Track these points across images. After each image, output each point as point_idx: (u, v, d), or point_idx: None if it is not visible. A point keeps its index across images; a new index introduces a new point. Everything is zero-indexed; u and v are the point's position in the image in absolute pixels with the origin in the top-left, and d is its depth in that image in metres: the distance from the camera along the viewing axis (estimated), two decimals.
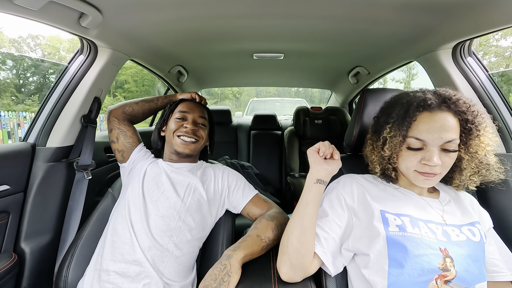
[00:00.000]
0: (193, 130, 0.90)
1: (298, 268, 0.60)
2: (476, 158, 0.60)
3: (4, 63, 12.07)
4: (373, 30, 1.00)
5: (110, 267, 0.72)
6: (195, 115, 0.93)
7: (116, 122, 0.97)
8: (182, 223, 0.79)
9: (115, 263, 0.72)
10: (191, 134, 0.89)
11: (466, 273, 0.53)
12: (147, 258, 0.72)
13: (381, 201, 0.63)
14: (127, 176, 0.94)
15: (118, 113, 0.98)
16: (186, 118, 0.93)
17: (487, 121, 0.61)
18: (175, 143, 0.89)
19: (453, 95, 0.60)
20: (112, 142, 0.97)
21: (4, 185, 0.86)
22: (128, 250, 0.73)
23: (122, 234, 0.76)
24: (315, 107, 2.30)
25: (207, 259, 0.86)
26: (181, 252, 0.77)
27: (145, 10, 0.85)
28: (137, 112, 1.02)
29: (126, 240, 0.75)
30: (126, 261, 0.72)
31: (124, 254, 0.73)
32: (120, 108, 0.99)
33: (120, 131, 0.96)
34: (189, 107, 0.95)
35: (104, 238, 0.80)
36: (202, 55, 1.44)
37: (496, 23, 0.79)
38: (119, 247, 0.74)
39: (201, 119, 0.95)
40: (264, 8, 0.85)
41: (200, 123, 0.94)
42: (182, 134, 0.89)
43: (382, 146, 0.64)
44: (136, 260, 0.72)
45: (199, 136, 0.91)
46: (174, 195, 0.81)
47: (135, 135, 0.99)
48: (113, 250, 0.75)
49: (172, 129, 0.90)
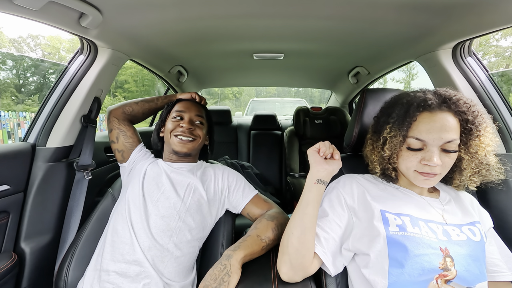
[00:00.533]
0: (190, 129, 0.89)
1: (298, 268, 0.60)
2: (476, 158, 0.60)
3: (4, 63, 12.07)
4: (373, 30, 1.00)
5: (110, 267, 0.72)
6: (191, 114, 0.93)
7: (116, 122, 0.97)
8: (182, 223, 0.79)
9: (115, 263, 0.72)
10: (188, 133, 0.89)
11: (466, 272, 0.53)
12: (147, 258, 0.72)
13: (381, 201, 0.63)
14: (127, 176, 0.94)
15: (118, 113, 0.98)
16: (182, 117, 0.93)
17: (488, 122, 0.61)
18: (172, 142, 0.89)
19: (454, 95, 0.60)
20: (112, 142, 0.97)
21: (4, 185, 0.86)
22: (128, 250, 0.73)
23: (122, 234, 0.76)
24: (315, 107, 2.30)
25: (207, 259, 0.86)
26: (181, 252, 0.77)
27: (145, 10, 0.85)
28: (137, 112, 1.02)
29: (126, 240, 0.75)
30: (126, 261, 0.72)
31: (124, 254, 0.73)
32: (120, 108, 0.99)
33: (120, 131, 0.96)
34: (186, 107, 0.95)
35: (104, 238, 0.80)
36: (202, 55, 1.44)
37: (496, 23, 0.79)
38: (119, 247, 0.74)
39: (198, 117, 0.94)
40: (264, 8, 0.85)
41: (197, 122, 0.94)
42: (179, 134, 0.89)
43: (382, 146, 0.64)
44: (136, 260, 0.72)
45: (196, 135, 0.91)
46: (174, 195, 0.81)
47: (135, 135, 0.99)
48: (113, 250, 0.75)
49: (169, 128, 0.91)
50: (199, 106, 0.98)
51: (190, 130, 0.90)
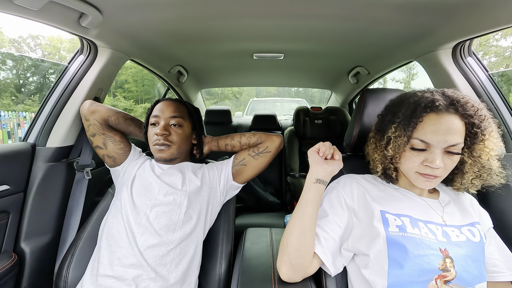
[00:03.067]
0: (164, 136, 0.85)
1: (298, 268, 0.60)
2: (479, 162, 0.60)
3: (4, 63, 12.07)
4: (373, 30, 1.00)
5: (107, 271, 0.71)
6: (165, 117, 0.87)
7: (99, 127, 0.90)
8: (184, 217, 0.79)
9: (112, 267, 0.71)
10: (163, 140, 0.85)
11: (466, 273, 0.53)
12: (146, 260, 0.72)
13: (381, 202, 0.63)
14: (121, 178, 0.91)
15: (100, 118, 0.90)
16: (158, 122, 0.88)
17: (493, 126, 0.60)
18: (153, 151, 0.88)
19: (462, 98, 0.59)
20: (98, 148, 0.91)
21: (4, 185, 0.86)
22: (125, 253, 0.72)
23: (118, 237, 0.75)
24: (315, 107, 2.30)
25: (207, 260, 0.86)
26: (181, 252, 0.76)
27: (145, 10, 0.85)
28: (120, 127, 0.94)
29: (123, 244, 0.74)
30: (123, 265, 0.71)
31: (121, 258, 0.72)
32: (105, 113, 0.90)
33: (107, 137, 0.90)
34: (160, 109, 0.89)
35: (99, 243, 0.78)
36: (202, 55, 1.44)
37: (496, 23, 0.79)
38: (116, 251, 0.73)
39: (174, 119, 0.88)
40: (264, 8, 0.85)
41: (172, 124, 0.88)
42: (154, 143, 0.86)
43: (386, 146, 0.63)
44: (133, 264, 0.71)
45: (171, 141, 0.86)
46: (171, 191, 0.82)
47: (124, 138, 0.93)
48: (110, 254, 0.73)
49: (149, 137, 0.89)
50: (176, 104, 0.91)
51: (165, 136, 0.85)
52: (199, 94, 2.54)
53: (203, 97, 2.76)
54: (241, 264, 0.72)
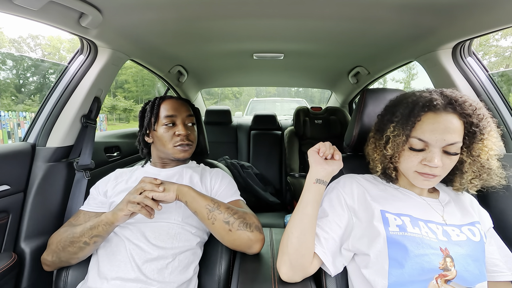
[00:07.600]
0: (187, 136, 0.85)
1: (298, 268, 0.60)
2: (478, 162, 0.60)
3: (4, 63, 12.08)
4: (373, 30, 1.00)
5: (104, 285, 0.69)
6: (183, 116, 0.86)
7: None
8: (181, 229, 0.77)
9: (109, 281, 0.69)
10: (187, 141, 0.85)
11: (466, 272, 0.53)
12: (145, 274, 0.69)
13: (381, 201, 0.63)
14: (114, 204, 0.81)
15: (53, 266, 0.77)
16: (175, 122, 0.85)
17: (492, 125, 0.60)
18: (173, 152, 0.84)
19: (460, 97, 0.59)
20: None
21: (4, 185, 0.86)
22: (123, 268, 0.70)
23: (116, 252, 0.73)
24: (315, 107, 2.30)
25: (207, 260, 0.86)
26: (179, 264, 0.74)
27: (145, 10, 0.85)
28: (67, 260, 0.75)
29: (122, 258, 0.71)
30: (122, 279, 0.69)
31: (119, 272, 0.70)
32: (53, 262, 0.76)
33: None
34: (174, 108, 0.86)
35: (96, 257, 0.75)
36: (202, 55, 1.44)
37: (496, 23, 0.79)
38: (114, 265, 0.71)
39: (189, 118, 0.88)
40: (264, 8, 0.85)
41: (189, 124, 0.88)
42: (178, 144, 0.84)
43: (385, 145, 0.64)
44: (131, 279, 0.69)
45: (192, 140, 0.87)
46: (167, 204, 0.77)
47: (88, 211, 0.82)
48: (108, 267, 0.71)
49: (165, 139, 0.84)
50: (186, 104, 0.91)
51: (188, 136, 0.85)
52: (199, 94, 2.54)
53: (203, 97, 2.76)
54: (241, 264, 0.72)
